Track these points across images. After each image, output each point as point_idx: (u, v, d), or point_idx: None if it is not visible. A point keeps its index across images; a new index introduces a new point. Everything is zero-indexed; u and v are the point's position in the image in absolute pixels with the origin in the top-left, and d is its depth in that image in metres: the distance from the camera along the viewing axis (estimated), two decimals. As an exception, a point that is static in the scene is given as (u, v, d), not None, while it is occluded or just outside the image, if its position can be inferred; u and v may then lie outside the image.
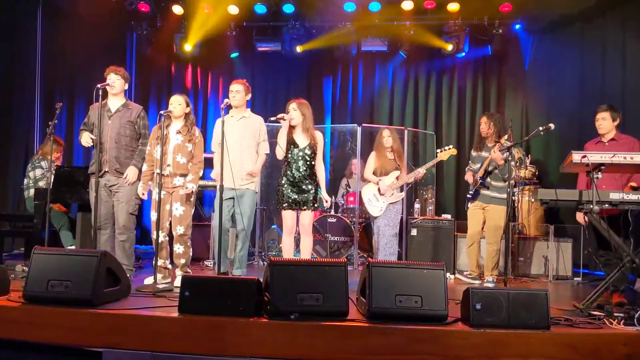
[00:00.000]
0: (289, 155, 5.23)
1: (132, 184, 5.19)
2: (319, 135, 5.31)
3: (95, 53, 8.42)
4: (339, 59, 8.96)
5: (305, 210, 5.24)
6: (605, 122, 4.97)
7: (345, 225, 7.18)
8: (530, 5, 7.81)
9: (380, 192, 6.03)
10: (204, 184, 7.16)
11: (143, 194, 5.12)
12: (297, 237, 5.86)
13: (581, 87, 7.74)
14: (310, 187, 5.23)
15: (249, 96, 5.43)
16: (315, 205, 5.27)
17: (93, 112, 5.31)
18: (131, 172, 5.19)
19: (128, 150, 5.26)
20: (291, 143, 5.22)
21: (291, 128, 5.24)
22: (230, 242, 5.53)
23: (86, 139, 5.21)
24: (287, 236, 5.29)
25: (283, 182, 5.25)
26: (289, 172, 5.23)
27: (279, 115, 5.17)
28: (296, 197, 5.19)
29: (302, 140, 5.24)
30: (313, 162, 5.27)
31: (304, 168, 5.22)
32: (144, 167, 5.17)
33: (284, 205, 5.23)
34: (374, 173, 6.14)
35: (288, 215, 5.25)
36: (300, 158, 5.21)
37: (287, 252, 5.29)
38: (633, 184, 4.85)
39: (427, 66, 8.95)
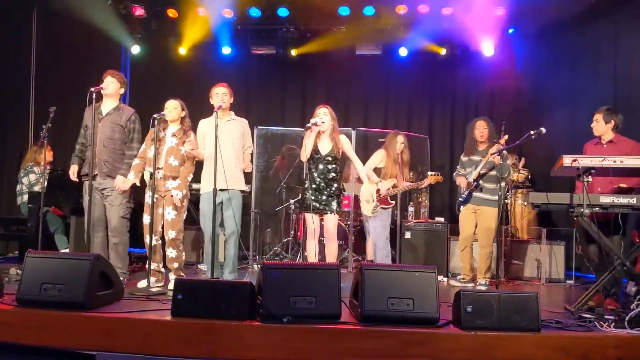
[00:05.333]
0: (311, 161, 5.27)
1: (122, 192, 5.16)
2: (343, 139, 5.33)
3: (90, 56, 8.43)
4: (334, 62, 8.98)
5: (327, 214, 5.25)
6: (597, 124, 4.98)
7: (340, 228, 7.19)
8: (524, 10, 7.85)
9: (378, 194, 6.05)
10: (199, 187, 7.15)
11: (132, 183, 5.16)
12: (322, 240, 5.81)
13: (573, 91, 7.78)
14: (332, 191, 5.25)
15: (232, 99, 5.42)
16: (338, 209, 5.28)
17: (87, 114, 5.31)
18: (120, 181, 5.14)
19: (117, 153, 5.24)
20: (313, 149, 5.25)
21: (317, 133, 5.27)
22: (220, 247, 5.52)
23: (72, 171, 5.28)
24: (310, 240, 5.30)
25: (306, 186, 5.28)
26: (311, 176, 5.26)
27: (313, 121, 5.18)
28: (318, 202, 5.22)
29: (325, 146, 5.26)
30: (335, 168, 5.30)
31: (326, 174, 5.25)
32: (136, 161, 5.17)
33: (307, 209, 5.26)
34: (378, 173, 6.16)
35: (310, 219, 5.28)
36: (321, 164, 5.25)
37: (311, 256, 5.30)
38: (623, 185, 4.86)
39: (421, 70, 8.96)
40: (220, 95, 5.26)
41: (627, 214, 4.35)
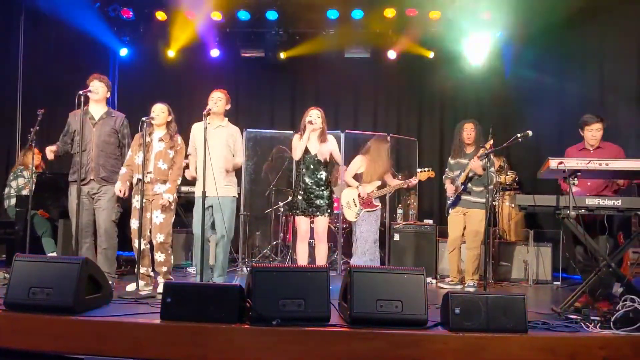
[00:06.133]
0: (302, 163, 5.28)
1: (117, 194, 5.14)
2: (330, 139, 5.36)
3: (78, 59, 8.38)
4: (323, 65, 9.00)
5: (318, 216, 5.27)
6: (599, 134, 4.96)
7: (329, 231, 7.18)
8: (510, 14, 7.90)
9: (360, 197, 6.06)
10: (187, 190, 7.14)
11: (120, 191, 5.04)
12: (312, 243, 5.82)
13: (560, 95, 7.85)
14: (323, 193, 5.27)
15: (229, 106, 5.37)
16: (329, 211, 5.30)
17: (74, 119, 5.28)
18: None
19: (112, 157, 5.26)
20: (303, 150, 5.28)
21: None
22: (211, 250, 5.51)
23: (49, 152, 5.20)
24: (301, 242, 5.33)
25: (297, 188, 5.29)
26: (301, 178, 5.29)
27: (309, 119, 5.22)
28: (309, 203, 5.25)
29: (314, 147, 5.30)
30: (325, 169, 5.33)
31: (316, 174, 5.27)
32: (123, 170, 5.13)
33: (297, 211, 5.28)
34: (359, 178, 6.17)
35: (302, 222, 5.30)
36: (311, 165, 5.28)
37: (302, 259, 5.32)
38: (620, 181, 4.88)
39: (410, 73, 9.01)
40: (214, 99, 5.25)
41: (612, 215, 4.40)
